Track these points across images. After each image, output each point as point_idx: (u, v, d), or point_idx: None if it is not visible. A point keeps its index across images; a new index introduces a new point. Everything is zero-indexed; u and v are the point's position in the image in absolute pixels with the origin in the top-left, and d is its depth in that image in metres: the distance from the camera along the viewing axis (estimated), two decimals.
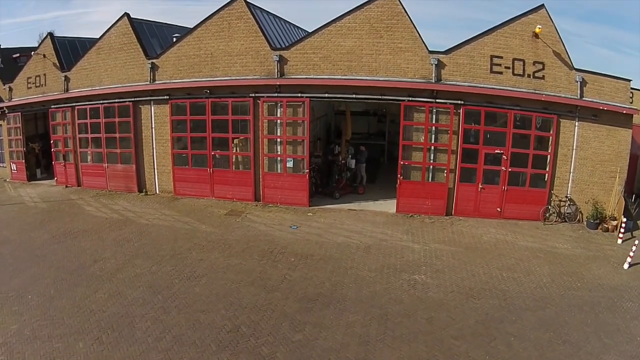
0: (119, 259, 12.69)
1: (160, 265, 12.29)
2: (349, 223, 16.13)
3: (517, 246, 14.06)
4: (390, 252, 13.62)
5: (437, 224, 16.27)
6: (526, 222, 16.33)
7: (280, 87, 17.39)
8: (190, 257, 12.93)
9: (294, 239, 14.65)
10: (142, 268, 12.09)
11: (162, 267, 12.22)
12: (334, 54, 16.70)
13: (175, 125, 19.31)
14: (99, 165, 20.97)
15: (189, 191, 19.42)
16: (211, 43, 17.97)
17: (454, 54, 16.17)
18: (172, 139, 19.28)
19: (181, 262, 12.58)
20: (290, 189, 17.97)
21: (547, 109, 16.20)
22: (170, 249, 13.53)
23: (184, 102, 18.79)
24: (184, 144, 19.39)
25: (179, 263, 12.50)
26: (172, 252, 13.22)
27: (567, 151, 16.40)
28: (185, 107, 18.86)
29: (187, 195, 19.39)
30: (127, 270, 11.92)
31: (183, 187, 19.54)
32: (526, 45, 16.00)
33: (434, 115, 16.60)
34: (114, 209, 17.72)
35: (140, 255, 12.91)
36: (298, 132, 17.75)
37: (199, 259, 12.86)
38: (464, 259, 13.06)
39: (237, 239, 14.59)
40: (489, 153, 16.71)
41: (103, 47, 20.03)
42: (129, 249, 13.44)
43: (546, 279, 11.75)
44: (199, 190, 19.27)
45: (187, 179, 19.43)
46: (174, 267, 12.23)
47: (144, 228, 15.33)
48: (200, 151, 19.01)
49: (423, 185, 17.00)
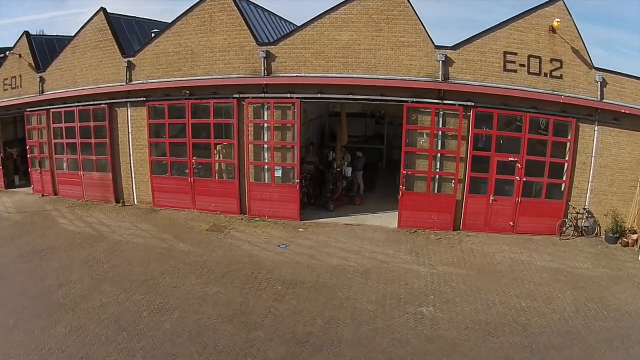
0: (85, 283, 11.55)
1: (129, 293, 11.05)
2: (345, 241, 14.42)
3: (535, 267, 12.82)
4: (392, 277, 12.01)
5: (444, 240, 14.59)
6: (541, 237, 14.97)
7: (267, 86, 15.64)
8: (163, 283, 11.61)
9: (281, 260, 12.95)
10: (109, 296, 10.90)
11: (131, 295, 10.97)
12: (327, 49, 14.91)
13: (153, 130, 17.56)
14: (75, 173, 19.29)
15: (169, 202, 17.66)
16: (191, 38, 16.29)
17: (463, 50, 14.48)
18: (149, 144, 17.52)
19: (153, 289, 11.28)
20: (279, 200, 16.20)
21: (565, 111, 14.77)
22: (142, 272, 12.25)
23: (162, 104, 17.05)
24: (163, 150, 17.64)
25: (150, 290, 11.20)
26: (143, 277, 11.97)
27: (586, 158, 15.06)
28: (163, 109, 17.12)
29: (167, 206, 17.64)
30: (93, 299, 10.76)
31: (162, 198, 17.77)
32: (542, 41, 14.48)
33: (440, 118, 14.90)
34: (88, 222, 16.38)
35: (108, 280, 11.74)
36: (287, 137, 15.99)
37: (173, 285, 11.50)
38: (477, 285, 11.65)
39: (217, 260, 13.00)
40: (502, 161, 15.02)
41: (78, 45, 18.34)
42: (98, 271, 12.26)
43: (570, 307, 10.61)
44: (179, 201, 17.51)
45: (166, 189, 17.65)
46: (144, 296, 10.94)
47: (117, 246, 14.08)
48: (180, 158, 17.26)
49: (428, 197, 15.27)
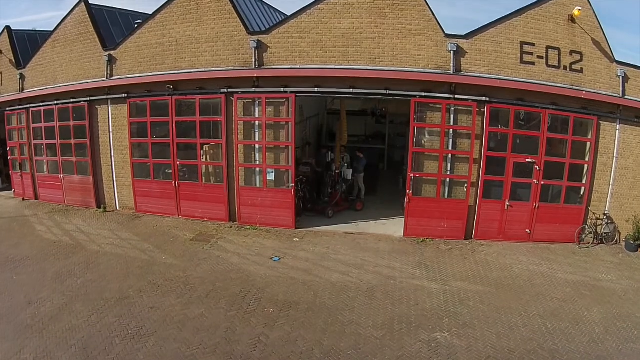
0: (56, 301, 10.30)
1: (102, 314, 9.72)
2: (346, 252, 12.92)
3: (556, 280, 11.57)
4: (400, 296, 10.56)
5: (456, 251, 13.16)
6: (559, 246, 13.72)
7: (258, 79, 14.10)
8: (140, 304, 10.19)
9: (274, 276, 11.46)
10: (80, 317, 9.62)
11: (104, 316, 9.65)
12: (326, 37, 13.38)
13: (136, 129, 16.06)
14: (55, 176, 17.80)
15: (152, 208, 16.14)
16: (176, 28, 14.79)
17: (476, 39, 13.03)
18: (130, 145, 16.01)
19: (128, 310, 9.91)
20: (272, 207, 14.68)
21: (586, 108, 13.49)
22: (117, 289, 10.84)
23: (144, 100, 15.55)
24: (145, 151, 16.12)
25: (125, 312, 9.82)
26: (119, 295, 10.56)
27: (607, 159, 13.83)
28: (145, 106, 15.61)
29: (150, 212, 16.12)
30: (63, 320, 9.53)
31: (145, 204, 16.26)
32: (561, 31, 13.16)
33: (451, 115, 13.43)
34: (66, 230, 14.98)
35: (81, 297, 10.46)
36: (281, 137, 14.46)
37: (151, 306, 10.07)
38: (496, 304, 10.30)
39: (201, 276, 11.52)
40: (519, 162, 13.60)
41: (59, 39, 16.86)
42: (71, 287, 11.00)
43: (599, 328, 9.48)
44: (163, 207, 15.99)
45: (149, 194, 16.14)
46: (117, 319, 9.54)
47: (94, 257, 12.68)
48: (163, 160, 15.72)
49: (438, 202, 13.80)
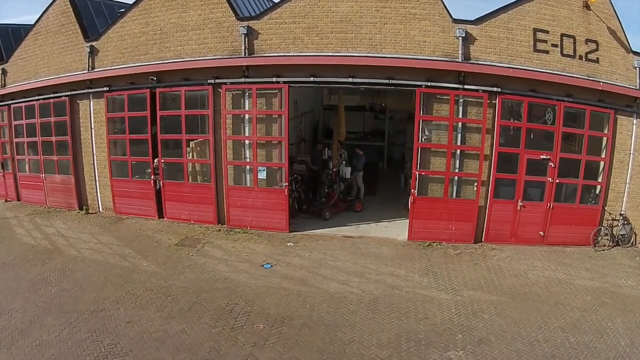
0: (28, 313, 9.48)
1: (74, 328, 8.81)
2: (345, 259, 11.82)
3: (575, 287, 10.69)
4: (407, 308, 9.48)
5: (466, 256, 12.11)
6: (574, 249, 12.81)
7: (248, 69, 12.97)
8: (116, 317, 9.20)
9: (265, 287, 10.35)
10: (52, 331, 8.76)
11: (76, 331, 8.73)
12: (322, 22, 12.28)
13: (118, 125, 14.97)
14: (37, 176, 16.71)
15: (135, 210, 15.03)
16: (161, 16, 13.73)
17: (486, 25, 11.99)
18: (108, 142, 14.94)
19: (103, 324, 8.95)
20: (264, 208, 13.54)
21: (602, 101, 12.56)
22: (93, 300, 9.83)
23: (122, 94, 14.49)
24: (124, 148, 15.00)
25: (99, 326, 8.86)
26: (94, 306, 9.58)
27: (624, 156, 12.92)
28: (125, 100, 14.49)
29: (133, 214, 15.01)
30: (33, 334, 8.70)
31: (125, 205, 15.15)
32: (576, 18, 12.22)
33: (460, 107, 12.37)
34: (46, 233, 14.01)
35: (54, 309, 9.57)
36: (273, 131, 13.32)
37: (128, 320, 9.06)
38: (513, 316, 9.31)
39: (185, 285, 10.42)
40: (533, 159, 12.55)
41: (40, 31, 15.78)
42: (45, 296, 10.14)
43: (624, 340, 8.67)
44: (147, 208, 14.87)
45: (131, 194, 15.02)
46: (90, 334, 8.59)
47: (71, 264, 11.69)
48: (146, 158, 14.57)
49: (445, 202, 12.72)
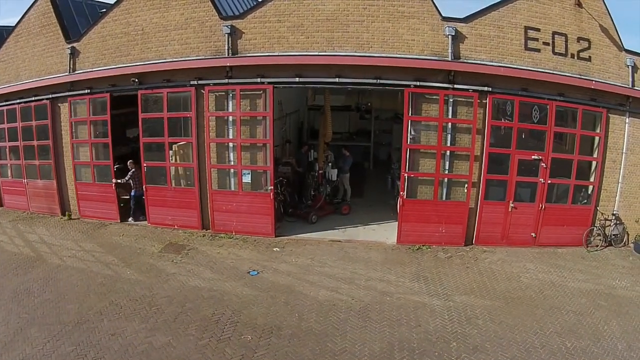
0: (11, 325, 9.11)
1: (57, 341, 8.43)
2: (333, 264, 11.44)
3: (569, 290, 10.50)
4: (399, 315, 9.15)
5: (457, 259, 11.82)
6: (567, 250, 12.65)
7: (232, 69, 12.53)
8: (100, 329, 8.77)
9: (252, 295, 9.94)
10: (34, 345, 8.39)
11: (60, 344, 8.34)
12: (308, 21, 11.90)
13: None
14: (19, 181, 16.20)
15: (98, 214, 14.82)
16: (143, 16, 13.27)
17: (476, 23, 11.71)
18: (72, 147, 14.72)
19: (86, 336, 8.56)
20: (249, 212, 13.11)
21: (595, 100, 12.39)
22: (77, 311, 9.43)
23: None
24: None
25: (82, 339, 8.48)
26: (77, 317, 9.19)
27: (616, 156, 12.80)
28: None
29: (96, 217, 14.80)
30: (15, 348, 8.31)
31: (90, 209, 14.97)
32: (568, 16, 12.02)
33: (450, 106, 12.09)
34: (28, 240, 13.49)
35: (37, 320, 9.17)
36: (258, 134, 12.91)
37: (112, 332, 8.66)
38: (507, 322, 9.05)
39: (169, 294, 9.98)
40: (524, 160, 12.32)
41: (22, 32, 15.23)
42: (28, 307, 9.72)
43: (621, 344, 8.50)
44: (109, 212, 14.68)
45: (94, 198, 14.75)
46: (74, 348, 8.21)
47: (54, 273, 11.24)
48: (107, 162, 14.32)
49: (435, 205, 12.42)
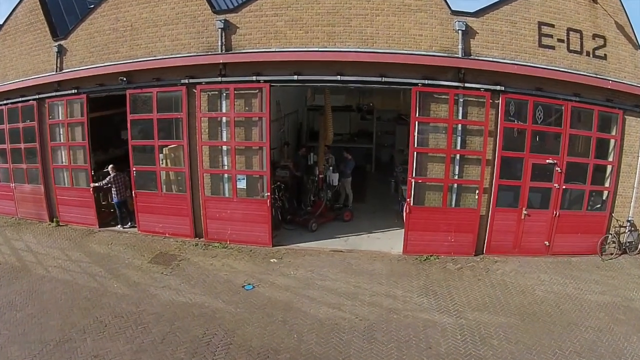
0: None
1: None
2: (335, 277, 10.65)
3: (586, 304, 9.82)
4: (407, 336, 8.38)
5: (467, 271, 11.07)
6: (581, 259, 11.95)
7: (225, 66, 11.73)
8: (82, 349, 8.08)
9: (247, 313, 9.16)
10: None
11: None
12: (307, 15, 11.11)
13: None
14: (6, 185, 15.45)
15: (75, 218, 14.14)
16: (132, 11, 12.51)
17: (488, 17, 10.95)
18: (50, 150, 14.02)
19: (68, 357, 7.89)
20: (245, 220, 12.30)
21: (611, 100, 11.67)
22: (59, 328, 8.78)
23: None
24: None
25: None
26: (60, 335, 8.54)
27: (632, 160, 12.09)
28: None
29: (74, 222, 14.14)
30: None
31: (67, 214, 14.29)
32: (583, 12, 11.32)
33: (460, 107, 11.31)
34: (14, 248, 12.80)
35: (18, 338, 8.58)
36: (253, 136, 12.10)
37: (94, 354, 7.93)
38: (524, 341, 8.35)
39: (158, 311, 9.21)
40: (538, 164, 11.59)
41: (9, 31, 14.49)
42: (9, 323, 9.10)
43: None
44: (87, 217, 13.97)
45: (71, 202, 14.06)
46: None
47: (38, 284, 10.61)
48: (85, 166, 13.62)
49: (444, 212, 11.64)
